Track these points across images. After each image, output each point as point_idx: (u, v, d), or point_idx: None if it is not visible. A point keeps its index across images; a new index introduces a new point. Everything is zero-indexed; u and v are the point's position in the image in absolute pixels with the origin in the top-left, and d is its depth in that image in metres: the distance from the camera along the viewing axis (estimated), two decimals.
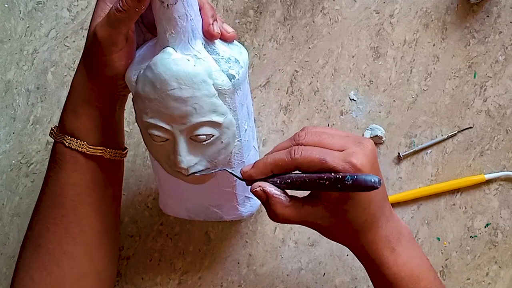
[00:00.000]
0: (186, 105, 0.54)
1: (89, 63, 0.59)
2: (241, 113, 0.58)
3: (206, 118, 0.55)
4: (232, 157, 0.59)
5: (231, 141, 0.57)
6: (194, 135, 0.55)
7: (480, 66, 0.74)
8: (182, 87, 0.53)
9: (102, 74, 0.58)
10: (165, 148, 0.57)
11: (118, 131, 0.64)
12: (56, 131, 0.61)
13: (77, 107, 0.60)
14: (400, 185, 0.74)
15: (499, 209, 0.73)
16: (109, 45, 0.56)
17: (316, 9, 0.76)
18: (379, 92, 0.75)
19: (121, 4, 0.54)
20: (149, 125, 0.56)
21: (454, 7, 0.75)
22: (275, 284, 0.73)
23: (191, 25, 0.54)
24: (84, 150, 0.60)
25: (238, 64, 0.56)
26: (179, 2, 0.53)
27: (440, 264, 0.72)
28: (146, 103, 0.55)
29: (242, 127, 0.59)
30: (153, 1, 0.54)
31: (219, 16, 0.61)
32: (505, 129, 0.73)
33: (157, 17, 0.54)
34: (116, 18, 0.55)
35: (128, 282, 0.74)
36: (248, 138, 0.61)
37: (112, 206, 0.65)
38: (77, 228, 0.61)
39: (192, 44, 0.55)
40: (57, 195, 0.61)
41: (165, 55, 0.54)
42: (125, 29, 0.55)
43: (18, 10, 0.79)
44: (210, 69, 0.54)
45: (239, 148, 0.59)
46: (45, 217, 0.62)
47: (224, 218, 0.67)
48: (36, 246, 0.61)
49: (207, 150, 0.57)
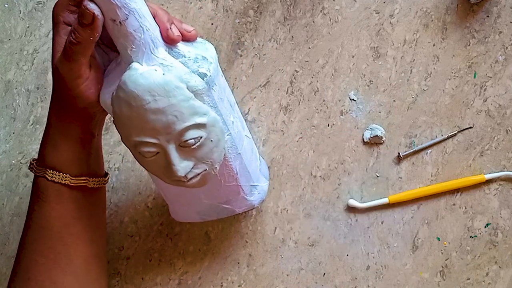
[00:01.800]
0: (166, 115, 0.53)
1: (59, 98, 0.58)
2: (223, 108, 0.57)
3: (189, 122, 0.54)
4: (227, 152, 0.59)
5: (220, 137, 0.57)
6: (183, 142, 0.55)
7: (480, 66, 0.74)
8: (156, 99, 0.52)
9: (75, 107, 0.57)
10: (158, 161, 0.56)
11: (97, 158, 0.63)
12: (36, 164, 0.61)
13: (57, 141, 0.59)
14: (400, 185, 0.74)
15: (499, 209, 0.73)
16: (73, 78, 0.55)
17: (316, 9, 0.76)
18: (379, 92, 0.75)
19: (74, 37, 0.53)
20: (136, 143, 0.55)
21: (454, 7, 0.75)
22: (275, 284, 0.73)
23: (149, 35, 0.53)
24: (68, 182, 0.59)
25: (206, 61, 0.55)
26: (130, 16, 0.52)
27: (440, 264, 0.72)
28: (126, 123, 0.54)
29: (228, 120, 0.58)
30: (106, 23, 0.53)
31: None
32: (505, 129, 0.73)
33: (113, 36, 0.54)
34: (72, 51, 0.54)
35: (128, 282, 0.74)
36: (238, 129, 0.61)
37: (98, 232, 0.64)
38: (65, 258, 0.61)
39: (155, 53, 0.54)
40: (43, 228, 0.60)
41: (132, 71, 0.53)
42: (84, 59, 0.54)
43: (18, 10, 0.79)
44: (180, 73, 0.53)
45: (231, 141, 0.59)
46: (33, 250, 0.61)
47: (236, 211, 0.67)
48: (25, 279, 0.61)
49: (199, 152, 0.56)
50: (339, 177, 0.74)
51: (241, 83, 0.76)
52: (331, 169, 0.74)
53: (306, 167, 0.75)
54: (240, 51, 0.77)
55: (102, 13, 0.52)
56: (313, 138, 0.75)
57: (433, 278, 0.72)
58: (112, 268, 0.74)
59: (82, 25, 0.52)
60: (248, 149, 0.64)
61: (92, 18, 0.52)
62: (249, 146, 0.65)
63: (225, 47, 0.77)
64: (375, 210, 0.73)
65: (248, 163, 0.63)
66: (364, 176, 0.74)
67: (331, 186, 0.74)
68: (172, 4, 0.78)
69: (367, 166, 0.74)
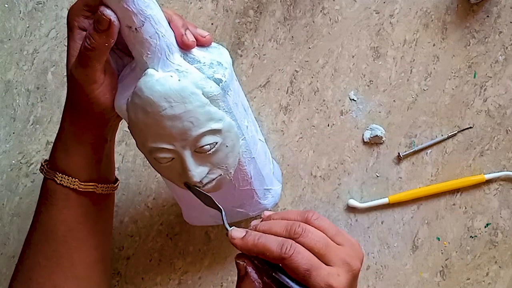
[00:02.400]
0: (182, 121, 0.53)
1: (75, 104, 0.58)
2: (237, 113, 0.57)
3: (205, 128, 0.54)
4: (241, 156, 0.59)
5: (235, 142, 0.57)
6: (198, 148, 0.55)
7: (480, 66, 0.74)
8: (173, 105, 0.52)
9: (90, 112, 0.57)
10: (174, 167, 0.56)
11: (109, 164, 0.63)
12: (46, 167, 0.60)
13: (68, 145, 0.59)
14: (400, 185, 0.74)
15: (499, 209, 0.73)
16: (88, 84, 0.55)
17: (316, 9, 0.76)
18: (379, 92, 0.75)
19: (89, 42, 0.53)
20: (151, 150, 0.55)
21: (454, 7, 0.75)
22: None
23: (165, 41, 0.53)
24: (76, 186, 0.59)
25: (222, 67, 0.55)
26: (146, 23, 0.52)
27: (440, 264, 0.72)
28: (142, 129, 0.54)
29: (243, 125, 0.58)
30: (121, 29, 0.52)
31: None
32: (505, 129, 0.73)
33: (129, 43, 0.53)
34: (87, 57, 0.53)
35: (128, 282, 0.74)
36: (252, 134, 0.61)
37: (104, 239, 0.64)
38: (68, 262, 0.61)
39: (170, 59, 0.53)
40: (49, 231, 0.60)
41: (148, 77, 0.53)
42: (99, 65, 0.54)
43: (18, 10, 0.79)
44: (196, 79, 0.53)
45: (246, 146, 0.59)
46: (36, 252, 0.61)
47: (250, 215, 0.67)
48: (27, 279, 0.61)
49: (215, 157, 0.56)
50: (339, 177, 0.74)
51: (241, 83, 0.76)
52: (331, 169, 0.74)
53: (306, 167, 0.75)
54: (240, 51, 0.77)
55: (118, 19, 0.52)
56: (313, 138, 0.75)
57: (433, 278, 0.72)
58: (112, 268, 0.74)
59: (98, 31, 0.52)
60: (261, 153, 0.64)
61: (108, 24, 0.52)
62: (262, 149, 0.64)
63: (225, 47, 0.77)
64: (375, 210, 0.73)
65: (262, 167, 0.63)
66: (364, 176, 0.74)
67: (331, 186, 0.74)
68: (172, 4, 0.78)
69: (367, 166, 0.74)
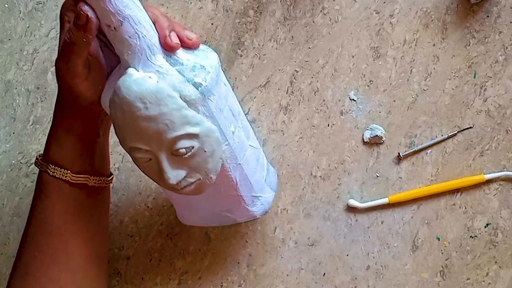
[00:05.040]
0: (157, 123, 0.52)
1: (62, 96, 0.59)
2: (221, 118, 0.56)
3: (180, 132, 0.53)
4: (225, 162, 0.58)
5: (216, 148, 0.56)
6: (174, 150, 0.54)
7: (480, 66, 0.74)
8: (148, 106, 0.52)
9: (77, 106, 0.58)
10: (152, 167, 0.56)
11: (102, 158, 0.64)
12: (40, 160, 0.61)
13: (60, 137, 0.60)
14: (400, 185, 0.74)
15: (499, 209, 0.73)
16: (71, 77, 0.55)
17: (316, 9, 0.76)
18: (379, 92, 0.75)
19: (68, 36, 0.53)
20: (130, 148, 0.55)
21: (454, 7, 0.75)
22: (275, 284, 0.73)
23: (145, 42, 0.53)
24: (68, 178, 0.60)
25: (204, 70, 0.54)
26: (124, 22, 0.51)
27: (440, 264, 0.72)
28: (121, 128, 0.54)
29: (227, 131, 0.57)
30: (102, 27, 0.53)
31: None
32: (505, 129, 0.73)
33: (111, 41, 0.53)
34: (67, 51, 0.54)
35: (128, 282, 0.74)
36: (239, 139, 0.60)
37: (99, 232, 0.65)
38: (64, 255, 0.61)
39: (152, 60, 0.53)
40: (43, 223, 0.61)
41: (127, 77, 0.52)
42: (79, 59, 0.54)
43: (18, 10, 0.79)
44: (174, 81, 0.53)
45: (230, 151, 0.58)
46: (32, 245, 0.61)
47: (238, 220, 0.66)
48: (23, 274, 0.61)
49: (192, 161, 0.55)
50: (339, 177, 0.74)
51: (241, 83, 0.76)
52: (331, 169, 0.74)
53: (306, 167, 0.74)
54: (240, 51, 0.77)
55: (97, 17, 0.52)
56: (313, 138, 0.75)
57: (433, 278, 0.72)
58: (112, 268, 0.74)
59: (76, 26, 0.53)
60: (251, 159, 0.63)
61: (85, 19, 0.52)
62: (253, 156, 0.63)
63: (225, 47, 0.77)
64: (375, 210, 0.73)
65: (250, 174, 0.62)
66: (364, 176, 0.74)
67: (331, 186, 0.74)
68: (172, 4, 0.78)
69: (367, 166, 0.74)
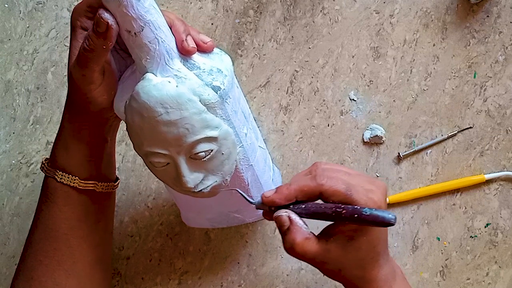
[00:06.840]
0: (178, 127, 0.53)
1: (73, 102, 0.58)
2: (236, 120, 0.57)
3: (200, 136, 0.53)
4: (239, 164, 0.58)
5: (232, 150, 0.56)
6: (193, 154, 0.54)
7: (480, 66, 0.74)
8: (169, 111, 0.52)
9: (88, 111, 0.57)
10: (169, 171, 0.56)
11: (109, 163, 0.63)
12: (47, 165, 0.61)
13: (68, 143, 0.59)
14: (400, 185, 0.74)
15: (499, 209, 0.73)
16: (86, 84, 0.55)
17: (316, 9, 0.76)
18: (379, 92, 0.75)
19: (87, 44, 0.53)
20: (147, 153, 0.55)
21: (454, 7, 0.75)
22: (275, 284, 0.73)
23: (164, 46, 0.53)
24: (76, 184, 0.60)
25: (221, 74, 0.55)
26: (145, 28, 0.51)
27: (440, 264, 0.72)
28: (138, 133, 0.54)
29: (241, 133, 0.58)
30: (121, 32, 0.52)
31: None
32: (505, 129, 0.73)
33: (128, 46, 0.53)
34: (85, 58, 0.54)
35: (128, 282, 0.74)
36: (251, 141, 0.60)
37: (105, 237, 0.65)
38: (70, 260, 0.61)
39: (170, 64, 0.53)
40: (50, 229, 0.60)
41: (145, 82, 0.52)
42: (97, 66, 0.54)
43: (18, 10, 0.79)
44: (193, 85, 0.53)
45: (243, 153, 0.59)
46: (38, 250, 0.61)
47: (246, 221, 0.67)
48: (28, 278, 0.61)
49: (210, 164, 0.56)
50: None
51: (241, 83, 0.76)
52: None
53: (306, 167, 0.74)
54: (240, 51, 0.77)
55: (117, 23, 0.52)
56: (313, 138, 0.75)
57: (433, 278, 0.72)
58: (112, 268, 0.74)
59: (96, 33, 0.52)
60: (260, 160, 0.63)
61: (106, 27, 0.51)
62: (262, 157, 0.64)
63: (225, 47, 0.77)
64: None
65: (260, 174, 0.63)
66: None
67: None
68: (172, 4, 0.78)
69: (367, 166, 0.74)
